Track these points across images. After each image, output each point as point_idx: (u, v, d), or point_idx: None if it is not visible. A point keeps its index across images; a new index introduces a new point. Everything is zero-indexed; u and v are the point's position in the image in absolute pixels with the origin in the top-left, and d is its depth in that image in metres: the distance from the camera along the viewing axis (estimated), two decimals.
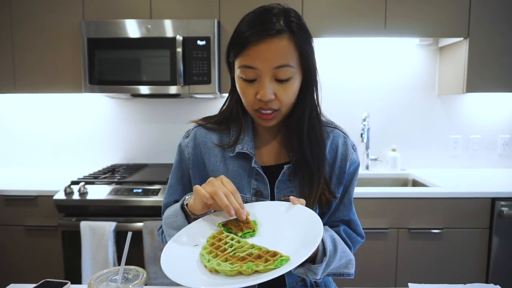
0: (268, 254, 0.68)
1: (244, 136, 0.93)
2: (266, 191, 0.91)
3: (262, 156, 0.96)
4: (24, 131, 2.65)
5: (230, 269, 0.66)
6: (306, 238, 0.71)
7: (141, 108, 2.62)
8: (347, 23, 2.19)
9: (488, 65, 2.20)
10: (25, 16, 2.24)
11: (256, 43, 0.79)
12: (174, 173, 1.01)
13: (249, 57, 0.80)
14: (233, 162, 0.94)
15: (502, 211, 1.98)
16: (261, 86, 0.82)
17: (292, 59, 0.81)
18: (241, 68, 0.83)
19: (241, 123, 0.94)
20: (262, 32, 0.79)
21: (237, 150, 0.92)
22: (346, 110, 2.56)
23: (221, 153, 0.95)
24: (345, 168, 0.95)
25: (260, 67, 0.80)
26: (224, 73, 2.22)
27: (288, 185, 0.92)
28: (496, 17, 2.17)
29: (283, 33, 0.80)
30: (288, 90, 0.83)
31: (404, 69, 2.58)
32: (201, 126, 0.99)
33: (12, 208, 2.06)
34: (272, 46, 0.79)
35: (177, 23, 2.13)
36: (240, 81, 0.85)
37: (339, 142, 0.96)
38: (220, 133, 0.97)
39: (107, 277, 0.72)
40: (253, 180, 0.92)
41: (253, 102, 0.84)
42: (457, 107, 2.59)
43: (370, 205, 2.00)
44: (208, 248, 0.73)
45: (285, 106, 0.85)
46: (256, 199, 0.91)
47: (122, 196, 1.98)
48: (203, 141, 0.96)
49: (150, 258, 1.92)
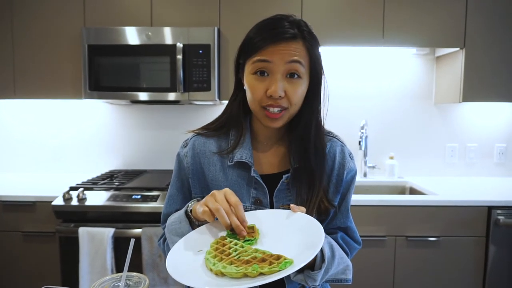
0: (272, 258, 0.70)
1: (243, 140, 0.94)
2: (265, 200, 0.92)
3: (262, 164, 0.96)
4: (23, 136, 2.65)
5: (236, 271, 0.67)
6: (308, 242, 0.73)
7: (140, 115, 2.63)
8: (345, 33, 2.22)
9: (484, 75, 2.23)
10: (26, 22, 2.25)
11: (273, 44, 0.83)
12: (174, 183, 1.00)
13: (264, 52, 0.84)
14: (232, 171, 0.94)
15: (499, 219, 1.99)
16: (272, 81, 0.84)
17: (305, 60, 0.86)
18: (255, 63, 0.85)
19: (241, 125, 0.95)
20: (280, 34, 0.84)
21: (236, 159, 0.92)
22: (344, 118, 2.58)
23: (220, 162, 0.95)
24: (342, 176, 0.96)
25: (274, 60, 0.84)
26: (224, 80, 2.24)
27: (287, 194, 0.92)
28: (492, 27, 2.21)
29: (298, 38, 0.85)
30: (297, 89, 0.86)
31: (402, 78, 2.61)
32: (199, 135, 0.99)
33: (10, 214, 2.06)
34: (288, 46, 0.84)
35: (178, 31, 2.15)
36: (251, 77, 0.87)
37: (337, 151, 0.97)
38: (219, 139, 0.97)
39: (110, 283, 0.72)
40: (252, 189, 0.93)
41: (262, 98, 0.86)
42: (453, 115, 2.62)
43: (367, 212, 2.01)
44: (212, 252, 0.74)
45: (294, 105, 0.87)
46: (256, 208, 0.91)
47: (120, 202, 1.98)
48: (202, 150, 0.97)
49: (148, 264, 1.92)
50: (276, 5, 2.19)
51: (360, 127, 2.50)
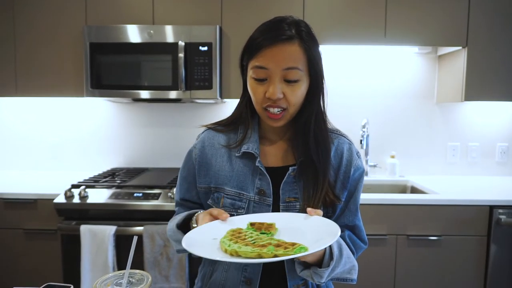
0: (287, 244, 0.71)
1: (250, 135, 0.98)
2: (268, 190, 0.94)
3: (268, 157, 1.00)
4: (25, 134, 2.65)
5: (251, 251, 0.68)
6: (324, 237, 0.74)
7: (142, 113, 2.63)
8: (347, 32, 2.22)
9: (486, 74, 2.23)
10: (27, 20, 2.25)
11: (269, 46, 0.86)
12: (180, 172, 1.07)
13: (262, 59, 0.87)
14: (239, 161, 0.97)
15: (500, 219, 1.99)
16: (270, 85, 0.88)
17: (301, 63, 0.88)
18: (254, 69, 0.89)
19: (249, 123, 0.99)
20: (275, 37, 0.86)
21: (243, 150, 0.96)
22: (345, 117, 2.58)
23: (228, 153, 0.99)
24: (349, 174, 0.98)
25: (271, 67, 0.86)
26: (226, 78, 2.24)
27: (293, 187, 0.95)
28: (495, 26, 2.20)
29: (294, 39, 0.87)
30: (295, 91, 0.88)
31: (403, 77, 2.60)
32: (210, 129, 1.04)
33: (11, 211, 2.06)
34: (284, 49, 0.86)
35: (179, 29, 2.15)
36: (252, 81, 0.91)
37: (344, 148, 1.00)
38: (228, 134, 1.01)
39: (112, 281, 0.72)
40: (257, 180, 0.96)
41: (262, 100, 0.90)
42: (455, 115, 2.61)
43: (368, 211, 2.01)
44: (228, 237, 0.76)
45: (293, 106, 0.90)
46: (260, 198, 0.94)
47: (122, 200, 1.98)
48: (211, 142, 1.01)
49: (149, 262, 1.93)
50: (278, 4, 2.18)
51: (362, 126, 2.49)
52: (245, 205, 0.95)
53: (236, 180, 0.96)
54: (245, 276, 0.95)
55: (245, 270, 0.95)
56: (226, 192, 0.96)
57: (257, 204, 0.94)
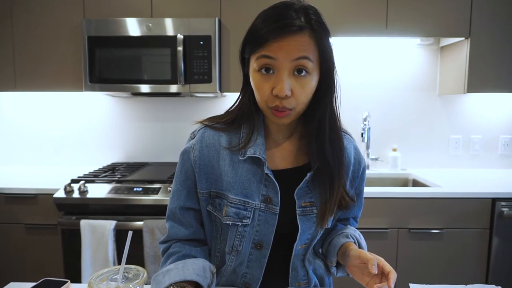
0: None
1: (256, 136, 0.88)
2: (276, 198, 0.87)
3: (275, 159, 0.91)
4: (24, 129, 2.65)
5: None
6: None
7: (141, 107, 2.62)
8: (348, 23, 2.19)
9: (489, 65, 2.20)
10: (26, 14, 2.23)
11: (277, 38, 0.76)
12: (177, 178, 0.94)
13: (269, 48, 0.77)
14: (243, 166, 0.88)
15: (503, 211, 1.97)
16: (278, 80, 0.78)
17: (312, 54, 0.79)
18: (259, 59, 0.79)
19: (253, 121, 0.89)
20: (284, 27, 0.76)
21: (248, 154, 0.86)
22: (346, 110, 2.54)
23: (230, 156, 0.88)
24: (358, 173, 0.97)
25: (280, 58, 0.77)
26: (225, 72, 2.22)
27: (307, 190, 0.89)
28: (498, 17, 2.17)
29: (305, 30, 0.78)
30: (305, 86, 0.80)
31: (405, 69, 2.57)
32: (208, 127, 0.92)
33: (12, 206, 2.06)
34: (294, 41, 0.77)
35: (178, 22, 2.13)
36: (256, 74, 0.81)
37: (351, 147, 0.96)
38: (229, 134, 0.91)
39: (108, 276, 0.72)
40: (263, 187, 0.88)
41: (268, 98, 0.80)
42: (457, 107, 2.59)
43: (370, 205, 2.00)
44: None
45: (301, 104, 0.82)
46: (265, 206, 0.87)
47: (122, 195, 1.97)
48: (211, 143, 0.90)
49: (150, 256, 1.92)
50: None
51: (363, 118, 2.47)
52: (250, 214, 0.87)
53: (240, 187, 0.87)
54: (244, 281, 0.93)
55: (244, 276, 0.93)
56: (230, 200, 0.87)
57: (263, 212, 0.87)
